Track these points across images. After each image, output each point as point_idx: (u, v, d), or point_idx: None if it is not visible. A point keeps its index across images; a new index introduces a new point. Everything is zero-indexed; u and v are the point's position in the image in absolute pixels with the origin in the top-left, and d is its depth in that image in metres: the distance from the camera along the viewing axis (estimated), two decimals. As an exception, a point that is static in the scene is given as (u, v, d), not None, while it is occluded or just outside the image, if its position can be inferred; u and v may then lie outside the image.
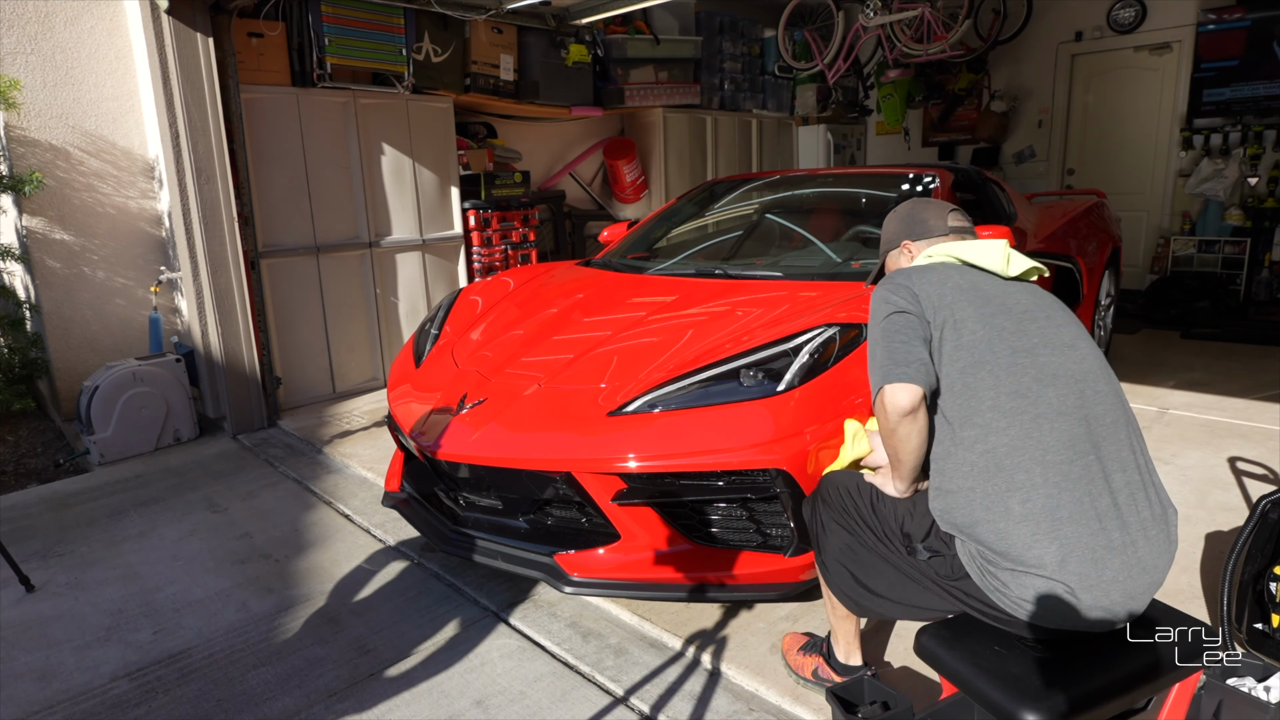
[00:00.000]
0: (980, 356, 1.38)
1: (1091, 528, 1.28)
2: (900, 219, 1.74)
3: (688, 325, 2.45)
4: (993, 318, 1.41)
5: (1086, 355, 1.42)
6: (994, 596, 1.34)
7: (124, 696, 2.00)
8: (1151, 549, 1.31)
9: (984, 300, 1.44)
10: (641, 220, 3.87)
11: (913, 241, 1.69)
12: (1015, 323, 1.42)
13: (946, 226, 1.66)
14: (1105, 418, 1.36)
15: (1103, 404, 1.37)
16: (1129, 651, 1.31)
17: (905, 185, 3.29)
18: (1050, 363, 1.38)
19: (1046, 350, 1.39)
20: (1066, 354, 1.40)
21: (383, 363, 4.69)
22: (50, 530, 2.99)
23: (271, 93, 4.04)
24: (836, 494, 1.63)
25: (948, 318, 1.42)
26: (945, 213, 1.68)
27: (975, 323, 1.41)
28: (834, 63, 6.35)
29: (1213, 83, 5.88)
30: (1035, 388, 1.35)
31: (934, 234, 1.66)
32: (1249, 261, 5.90)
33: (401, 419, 2.49)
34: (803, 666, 1.87)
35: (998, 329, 1.40)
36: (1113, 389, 1.42)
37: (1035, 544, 1.28)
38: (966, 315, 1.41)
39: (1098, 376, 1.41)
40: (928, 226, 1.68)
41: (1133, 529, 1.30)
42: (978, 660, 1.33)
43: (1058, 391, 1.35)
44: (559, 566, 2.13)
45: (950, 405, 1.40)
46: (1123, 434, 1.37)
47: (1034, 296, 1.49)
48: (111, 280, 4.23)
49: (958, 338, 1.40)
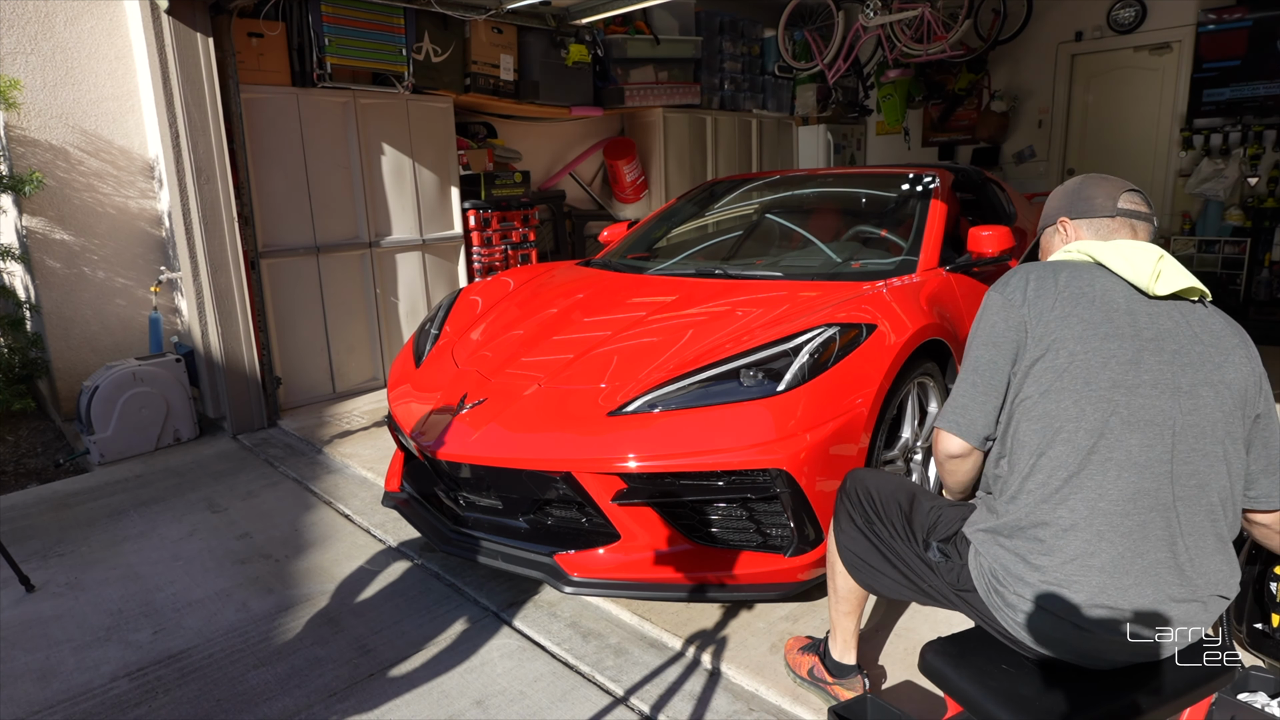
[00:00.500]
0: (1069, 383, 1.25)
1: (1122, 582, 1.21)
2: (1065, 193, 1.51)
3: (688, 325, 2.45)
4: (1105, 341, 1.26)
5: (1203, 405, 1.25)
6: (998, 615, 1.33)
7: (124, 696, 2.00)
8: (1189, 609, 1.23)
9: (1105, 319, 1.27)
10: (641, 220, 3.87)
11: (1071, 220, 1.47)
12: (1133, 351, 1.25)
13: (1115, 208, 1.42)
14: (1191, 479, 1.23)
15: (1196, 464, 1.23)
16: (1142, 675, 1.29)
17: (905, 185, 3.29)
18: (1149, 406, 1.23)
19: (1153, 390, 1.24)
20: (1177, 400, 1.24)
21: (383, 363, 4.69)
22: (50, 530, 2.99)
23: (271, 93, 4.04)
24: (867, 492, 1.62)
25: (1053, 341, 1.28)
26: (1119, 192, 1.43)
27: (1077, 344, 1.26)
28: (834, 63, 6.35)
29: (1213, 83, 5.87)
30: (1120, 430, 1.22)
31: (1098, 214, 1.43)
32: (1249, 261, 5.90)
33: (401, 419, 2.49)
34: (799, 665, 1.87)
35: (1106, 356, 1.25)
36: (1220, 450, 1.25)
37: (1059, 582, 1.23)
38: (1070, 336, 1.27)
39: (1204, 434, 1.24)
40: (1093, 205, 1.44)
41: (1169, 590, 1.22)
42: (986, 680, 1.29)
43: (1143, 440, 1.22)
44: (559, 566, 2.13)
45: (1024, 429, 1.30)
46: (1207, 500, 1.24)
47: (1179, 323, 1.29)
48: (111, 280, 4.23)
49: (1053, 359, 1.28)
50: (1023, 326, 1.32)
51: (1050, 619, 1.25)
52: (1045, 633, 1.26)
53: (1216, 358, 1.29)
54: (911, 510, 1.54)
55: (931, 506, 1.53)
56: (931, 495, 1.58)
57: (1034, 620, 1.27)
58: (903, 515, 1.55)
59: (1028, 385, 1.30)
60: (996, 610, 1.33)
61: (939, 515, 1.50)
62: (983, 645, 1.38)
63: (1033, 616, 1.27)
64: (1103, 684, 1.27)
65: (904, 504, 1.56)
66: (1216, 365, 1.28)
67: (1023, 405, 1.31)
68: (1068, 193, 1.51)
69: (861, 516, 1.62)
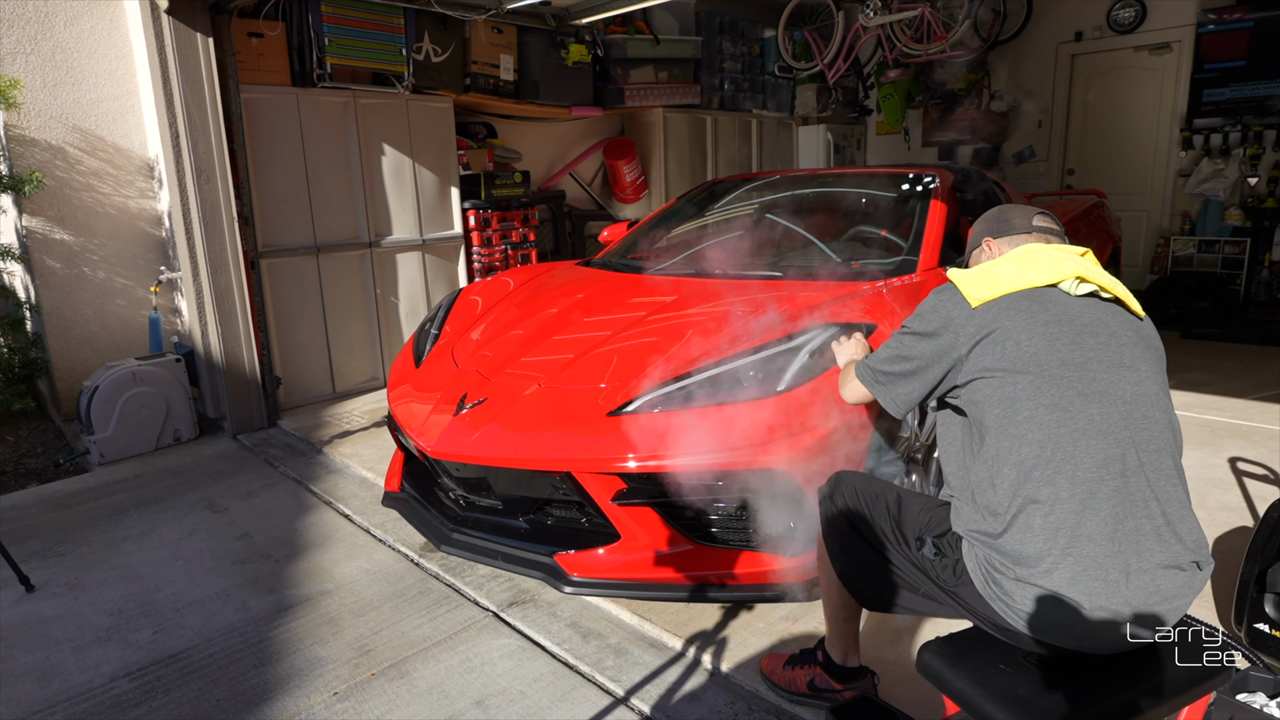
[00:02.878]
0: (1023, 366, 1.35)
1: (1109, 549, 1.25)
2: (985, 220, 1.71)
3: (688, 325, 2.45)
4: (1047, 326, 1.37)
5: (1144, 378, 1.37)
6: (995, 605, 1.33)
7: (124, 696, 2.00)
8: (1175, 579, 1.27)
9: (1040, 309, 1.39)
10: (641, 220, 3.87)
11: (994, 239, 1.65)
12: (1074, 334, 1.37)
13: (1030, 225, 1.60)
14: (1149, 444, 1.32)
15: (1149, 429, 1.33)
16: (1137, 671, 1.29)
17: (905, 185, 3.29)
18: (1100, 379, 1.34)
19: (1100, 366, 1.35)
20: (1122, 373, 1.35)
21: (383, 363, 4.69)
22: (50, 530, 2.99)
23: (271, 93, 4.04)
24: (855, 496, 1.61)
25: (992, 329, 1.39)
26: (1031, 214, 1.63)
27: (1023, 332, 1.37)
28: (834, 63, 6.35)
29: (1213, 83, 5.88)
30: (1078, 402, 1.31)
31: (1016, 231, 1.61)
32: (1249, 261, 5.90)
33: (402, 419, 2.49)
34: (795, 681, 1.81)
35: (1050, 339, 1.36)
36: (1165, 417, 1.36)
37: (1048, 557, 1.26)
38: (1014, 325, 1.38)
39: (1151, 401, 1.35)
40: (1011, 224, 1.63)
41: (1155, 557, 1.26)
42: (983, 680, 1.29)
43: (1102, 409, 1.31)
44: (559, 566, 2.13)
45: (988, 418, 1.37)
46: (1165, 462, 1.33)
47: (1103, 313, 1.42)
48: (111, 280, 4.23)
49: (1001, 350, 1.37)
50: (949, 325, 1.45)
51: (1048, 602, 1.26)
52: (1044, 618, 1.26)
53: (1141, 338, 1.43)
54: (900, 513, 1.55)
55: (921, 508, 1.54)
56: (920, 496, 1.58)
57: (1032, 606, 1.27)
58: (891, 519, 1.55)
59: (979, 378, 1.39)
60: (994, 601, 1.33)
61: (930, 515, 1.51)
62: (980, 645, 1.38)
63: (1030, 602, 1.27)
64: (1100, 683, 1.27)
65: (892, 507, 1.56)
66: (1147, 344, 1.43)
67: (986, 397, 1.38)
68: (989, 220, 1.70)
69: (847, 522, 1.61)
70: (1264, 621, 1.78)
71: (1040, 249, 1.50)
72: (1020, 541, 1.29)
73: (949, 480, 1.51)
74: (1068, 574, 1.25)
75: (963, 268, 1.72)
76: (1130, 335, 1.41)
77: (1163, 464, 1.32)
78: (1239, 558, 1.91)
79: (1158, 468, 1.32)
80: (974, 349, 1.40)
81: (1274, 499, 1.92)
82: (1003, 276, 1.44)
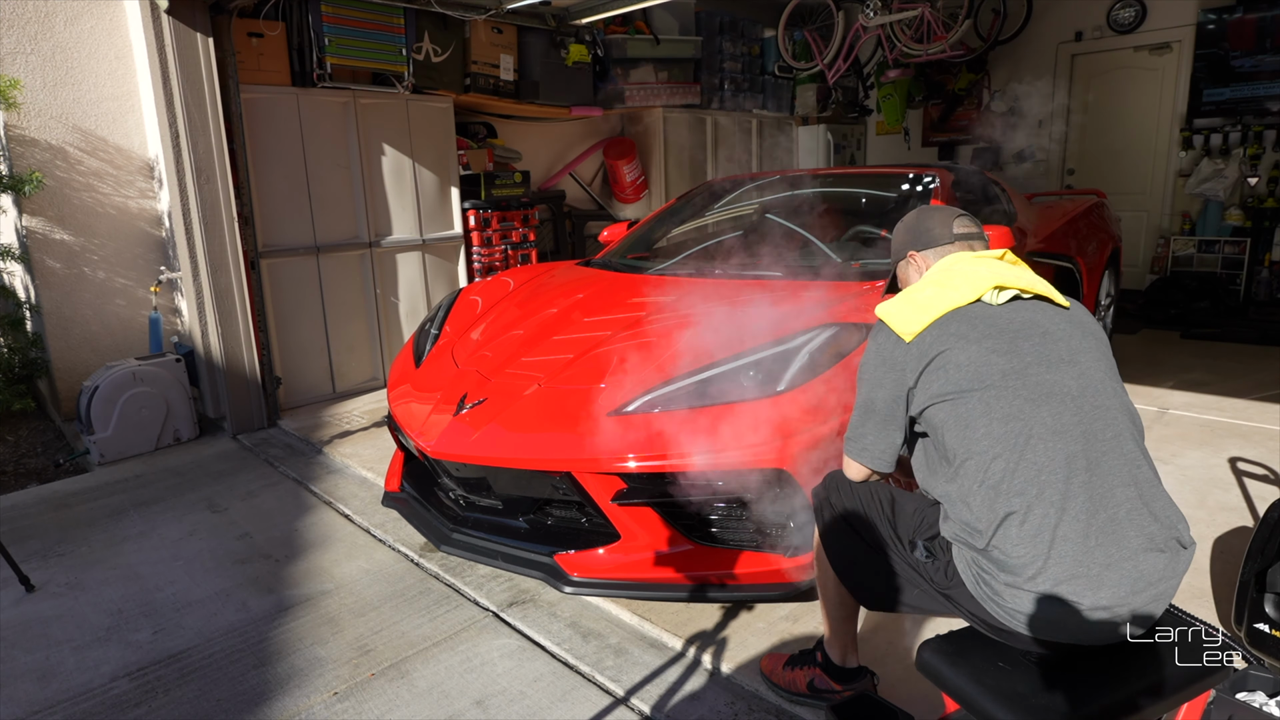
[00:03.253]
0: (969, 385, 1.37)
1: (1089, 545, 1.26)
2: (906, 228, 1.71)
3: (688, 325, 2.45)
4: (981, 341, 1.39)
5: (1087, 369, 1.39)
6: (988, 606, 1.33)
7: (124, 696, 2.00)
8: (1156, 561, 1.28)
9: (969, 327, 1.41)
10: (641, 220, 3.87)
11: (918, 251, 1.66)
12: (1008, 343, 1.39)
13: (951, 234, 1.62)
14: (1105, 432, 1.34)
15: (1103, 418, 1.35)
16: (1136, 667, 1.29)
17: (905, 185, 3.29)
18: (1044, 381, 1.36)
19: (1040, 367, 1.37)
20: (1063, 369, 1.37)
21: (383, 363, 4.69)
22: (50, 530, 2.99)
23: (271, 93, 4.04)
24: (851, 496, 1.61)
25: (930, 357, 1.41)
26: (950, 220, 1.64)
27: (961, 353, 1.39)
28: (834, 63, 6.35)
29: (1213, 83, 5.88)
30: (1028, 409, 1.33)
31: (939, 242, 1.63)
32: (1249, 261, 5.90)
33: (402, 419, 2.49)
34: (795, 681, 1.82)
35: (986, 352, 1.38)
36: (1117, 402, 1.38)
37: (1032, 564, 1.27)
38: (952, 348, 1.40)
39: (1099, 390, 1.38)
40: (932, 235, 1.64)
41: (1133, 543, 1.28)
42: (981, 677, 1.29)
43: (1052, 410, 1.33)
44: (559, 566, 2.13)
45: (949, 441, 1.39)
46: (1126, 447, 1.34)
47: (1031, 313, 1.44)
48: (111, 280, 4.23)
49: (945, 375, 1.39)
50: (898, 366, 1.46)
51: (1039, 602, 1.27)
52: (1036, 617, 1.27)
53: (1075, 328, 1.44)
54: (895, 514, 1.55)
55: (915, 509, 1.54)
56: (913, 497, 1.58)
57: (1023, 606, 1.28)
58: (886, 520, 1.55)
59: (933, 406, 1.41)
60: (985, 602, 1.34)
61: (922, 517, 1.52)
62: (979, 643, 1.38)
63: (1021, 603, 1.28)
64: (1098, 680, 1.28)
65: (886, 508, 1.57)
66: (1083, 332, 1.44)
67: (941, 423, 1.40)
68: (909, 228, 1.70)
69: (844, 523, 1.61)
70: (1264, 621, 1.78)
71: (961, 263, 1.52)
72: (1003, 553, 1.30)
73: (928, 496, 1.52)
74: (1053, 577, 1.26)
75: (892, 276, 1.78)
76: (1063, 329, 1.43)
77: (1124, 449, 1.34)
78: (1239, 558, 1.91)
79: (1119, 454, 1.33)
80: (919, 379, 1.43)
81: (1274, 499, 1.92)
82: (927, 303, 1.46)
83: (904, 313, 1.48)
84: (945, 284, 1.48)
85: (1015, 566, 1.29)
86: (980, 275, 1.46)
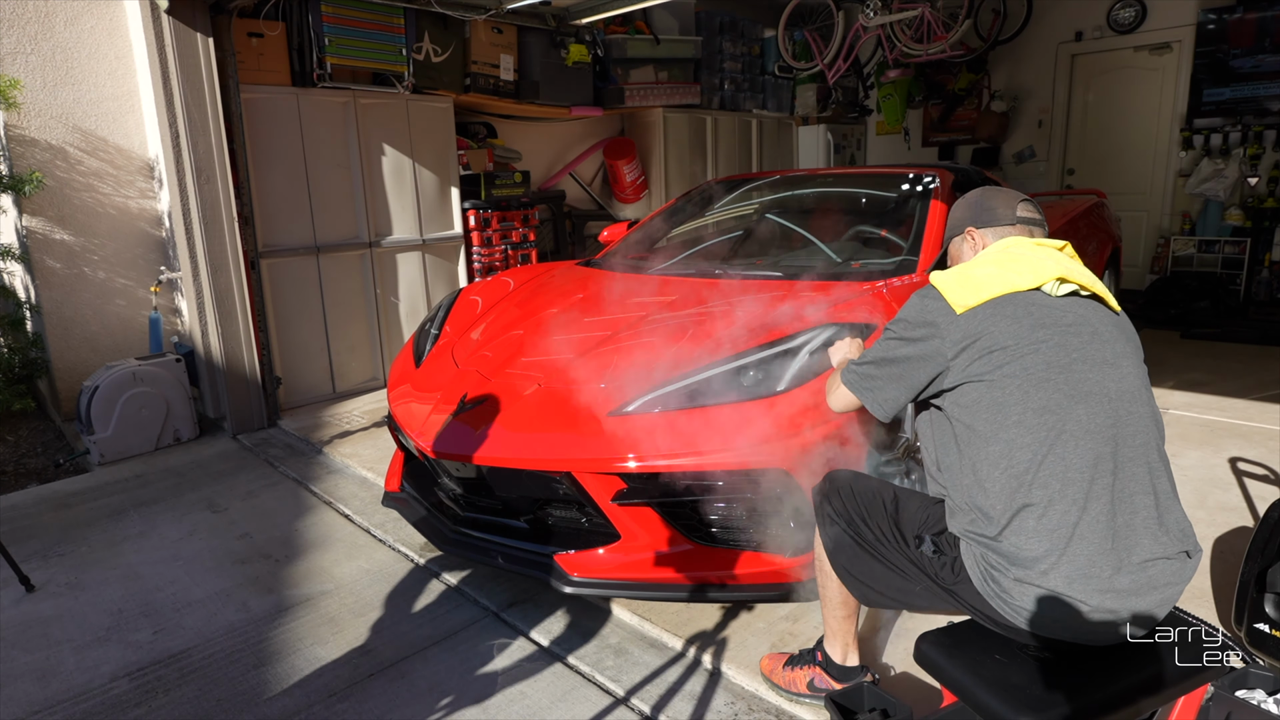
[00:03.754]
0: (1011, 370, 1.35)
1: (1104, 547, 1.26)
2: (968, 205, 1.67)
3: (688, 325, 2.45)
4: (1034, 330, 1.37)
5: (1128, 374, 1.39)
6: (994, 603, 1.34)
7: (124, 696, 2.00)
8: (1164, 569, 1.29)
9: (1024, 313, 1.39)
10: (641, 220, 3.87)
11: (977, 229, 1.62)
12: (1058, 335, 1.37)
13: (1014, 216, 1.59)
14: (1135, 439, 1.34)
15: (1134, 425, 1.35)
16: (1134, 662, 1.30)
17: (905, 185, 3.29)
18: (1086, 379, 1.35)
19: (1084, 366, 1.36)
20: (1106, 371, 1.36)
21: (383, 363, 4.69)
22: (50, 530, 2.99)
23: (271, 93, 4.04)
24: (851, 494, 1.62)
25: (978, 336, 1.39)
26: (1015, 202, 1.61)
27: (1009, 338, 1.36)
28: (834, 63, 6.35)
29: (1213, 82, 5.88)
30: (1066, 404, 1.32)
31: (1000, 222, 1.60)
32: (1249, 261, 5.90)
33: (402, 419, 2.49)
34: (795, 681, 1.83)
35: (1035, 342, 1.36)
36: (1149, 411, 1.39)
37: (1046, 559, 1.27)
38: (1000, 331, 1.37)
39: (1135, 398, 1.37)
40: (995, 214, 1.61)
41: (1145, 550, 1.28)
42: (978, 669, 1.30)
43: (1089, 409, 1.33)
44: (559, 566, 2.13)
45: (978, 422, 1.37)
46: (1151, 456, 1.35)
47: (1085, 310, 1.43)
48: (112, 280, 4.23)
49: (989, 356, 1.37)
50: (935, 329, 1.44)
51: (1046, 601, 1.27)
52: (1042, 615, 1.28)
53: (1121, 333, 1.44)
54: (898, 511, 1.55)
55: (919, 505, 1.54)
56: (916, 494, 1.59)
57: (1030, 604, 1.28)
58: (889, 517, 1.55)
59: (968, 383, 1.40)
60: (992, 599, 1.34)
61: (927, 513, 1.52)
62: (976, 635, 1.40)
63: (1028, 600, 1.29)
64: (1094, 673, 1.28)
65: (889, 505, 1.57)
66: (1127, 339, 1.45)
67: (975, 401, 1.38)
68: (971, 204, 1.67)
69: (846, 519, 1.61)
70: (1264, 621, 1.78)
71: (1021, 246, 1.49)
72: (1016, 544, 1.30)
73: (937, 480, 1.51)
74: (1065, 574, 1.26)
75: (944, 251, 1.75)
76: (1111, 331, 1.42)
77: (1149, 458, 1.35)
78: (1239, 558, 1.91)
79: (1144, 462, 1.34)
80: (960, 354, 1.40)
81: (1274, 499, 1.92)
82: (985, 281, 1.43)
83: (961, 285, 1.44)
84: (1006, 264, 1.45)
85: (1027, 560, 1.28)
86: (1044, 264, 1.43)
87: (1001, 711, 1.22)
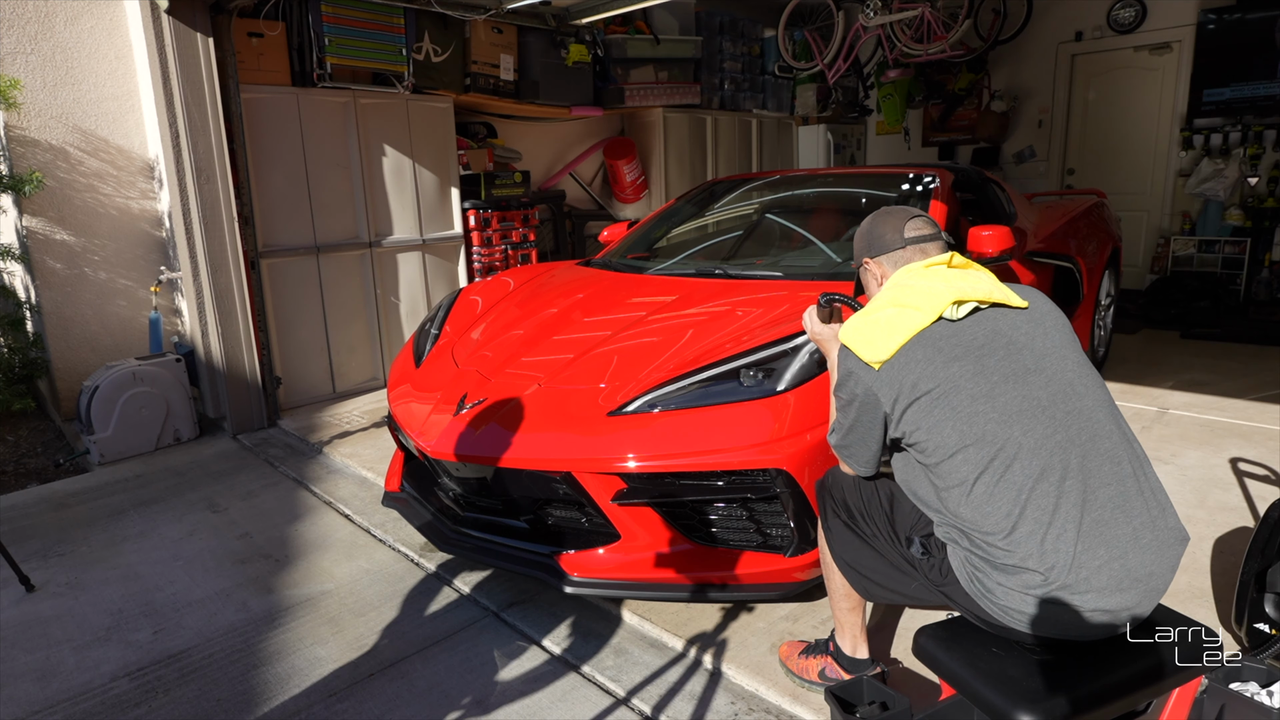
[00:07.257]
0: (940, 414, 1.36)
1: (1076, 550, 1.27)
2: (861, 234, 1.66)
3: (688, 325, 2.45)
4: (948, 365, 1.37)
5: (1055, 373, 1.38)
6: (981, 602, 1.35)
7: (124, 696, 2.00)
8: (1145, 556, 1.29)
9: (934, 352, 1.38)
10: (641, 220, 3.87)
11: (872, 258, 1.62)
12: (973, 364, 1.37)
13: (902, 239, 1.57)
14: (1080, 435, 1.33)
15: (1077, 422, 1.34)
16: (1129, 654, 1.31)
17: (905, 185, 3.29)
18: (1011, 400, 1.34)
19: (1007, 385, 1.35)
20: (1030, 380, 1.36)
21: (383, 363, 4.69)
22: (50, 530, 2.99)
23: (271, 93, 4.04)
24: (854, 490, 1.63)
25: (900, 388, 1.40)
26: (903, 224, 1.59)
27: (928, 381, 1.37)
28: (834, 63, 6.35)
29: (1213, 82, 5.88)
30: (1000, 430, 1.33)
31: (890, 248, 1.58)
32: (1249, 261, 5.90)
33: (402, 419, 2.49)
34: (807, 669, 1.86)
35: (953, 379, 1.36)
36: (1090, 399, 1.37)
37: (1023, 565, 1.29)
38: (918, 377, 1.38)
39: (1069, 393, 1.36)
40: (884, 241, 1.60)
41: (1122, 541, 1.29)
42: (975, 662, 1.32)
43: (1023, 427, 1.33)
44: (559, 566, 2.13)
45: (929, 459, 1.39)
46: (1103, 446, 1.34)
47: (991, 323, 1.41)
48: (112, 280, 4.23)
49: (917, 405, 1.38)
50: (870, 392, 1.44)
51: (1031, 600, 1.29)
52: (1029, 614, 1.29)
53: (1037, 328, 1.42)
54: (893, 510, 1.57)
55: (913, 505, 1.55)
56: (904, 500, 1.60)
57: (1016, 603, 1.30)
58: (885, 516, 1.58)
59: (911, 435, 1.40)
60: (979, 599, 1.36)
61: (919, 514, 1.53)
62: (973, 629, 1.41)
63: (1014, 600, 1.30)
64: (1090, 665, 1.29)
65: (884, 504, 1.59)
66: (1045, 330, 1.42)
67: (920, 449, 1.40)
68: (864, 234, 1.66)
69: (846, 515, 1.64)
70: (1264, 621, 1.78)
71: (913, 276, 1.48)
72: (993, 555, 1.33)
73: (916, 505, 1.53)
74: (1043, 578, 1.28)
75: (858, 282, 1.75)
76: (1025, 333, 1.41)
77: (1101, 448, 1.34)
78: (1239, 558, 1.91)
79: (1098, 454, 1.33)
80: (894, 405, 1.41)
81: (1274, 499, 1.92)
82: (889, 327, 1.42)
83: (868, 339, 1.44)
84: (903, 302, 1.44)
85: (1007, 566, 1.31)
86: (937, 290, 1.42)
87: (998, 704, 1.23)
